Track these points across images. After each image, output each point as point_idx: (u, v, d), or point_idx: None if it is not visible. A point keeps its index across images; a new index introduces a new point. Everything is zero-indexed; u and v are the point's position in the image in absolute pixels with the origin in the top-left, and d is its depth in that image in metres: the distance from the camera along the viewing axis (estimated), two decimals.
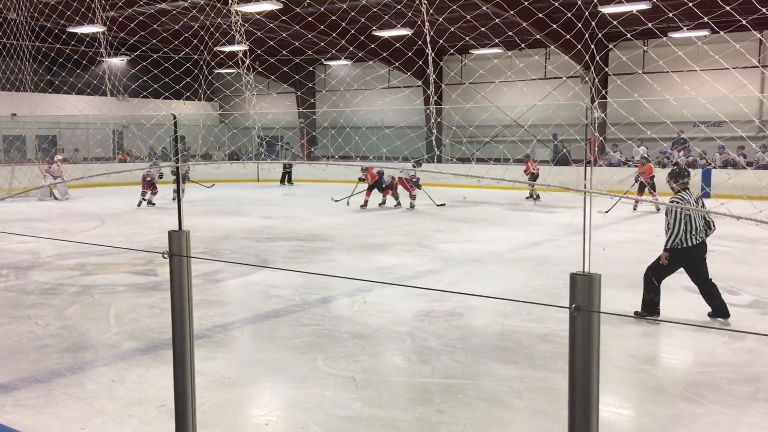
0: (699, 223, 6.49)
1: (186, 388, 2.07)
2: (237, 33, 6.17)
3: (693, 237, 6.40)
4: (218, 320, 6.79)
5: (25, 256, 10.35)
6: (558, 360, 5.51)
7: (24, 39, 7.23)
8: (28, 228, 13.48)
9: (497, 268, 9.47)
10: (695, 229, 6.43)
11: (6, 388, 4.95)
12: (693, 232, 6.41)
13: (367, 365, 5.43)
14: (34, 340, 6.13)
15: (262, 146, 24.70)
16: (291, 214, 16.16)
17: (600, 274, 1.45)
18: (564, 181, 20.82)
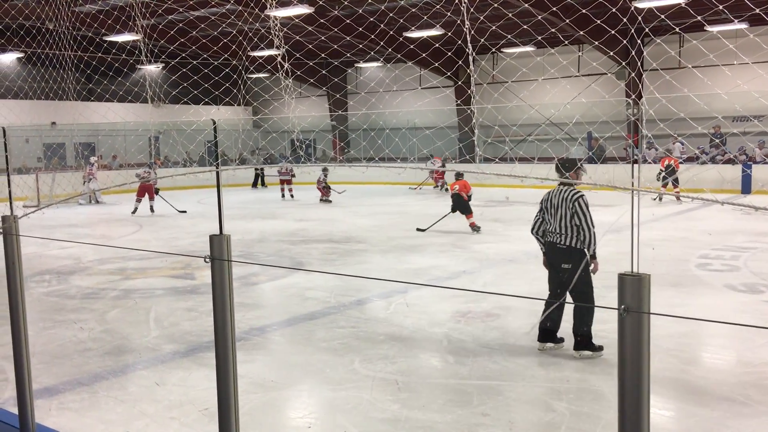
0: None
1: (229, 391, 2.09)
2: (276, 38, 6.22)
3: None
4: (255, 323, 6.85)
5: (66, 261, 10.57)
6: (598, 361, 5.43)
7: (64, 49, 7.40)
8: (68, 233, 13.77)
9: (533, 268, 9.36)
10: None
11: (50, 391, 5.05)
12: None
13: (404, 367, 5.42)
14: (77, 343, 6.26)
15: (301, 149, 24.87)
16: (325, 216, 16.23)
17: (649, 274, 1.42)
18: (596, 178, 20.55)
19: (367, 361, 5.56)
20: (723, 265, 9.22)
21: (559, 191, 5.68)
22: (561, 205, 5.56)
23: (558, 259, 5.60)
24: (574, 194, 5.58)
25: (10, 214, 2.97)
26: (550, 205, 5.69)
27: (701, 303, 7.28)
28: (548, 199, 5.71)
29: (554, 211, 5.61)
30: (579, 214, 5.49)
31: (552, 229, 5.67)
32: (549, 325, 5.68)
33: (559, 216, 5.58)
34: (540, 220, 5.81)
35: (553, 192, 5.74)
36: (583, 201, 5.53)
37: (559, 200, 5.60)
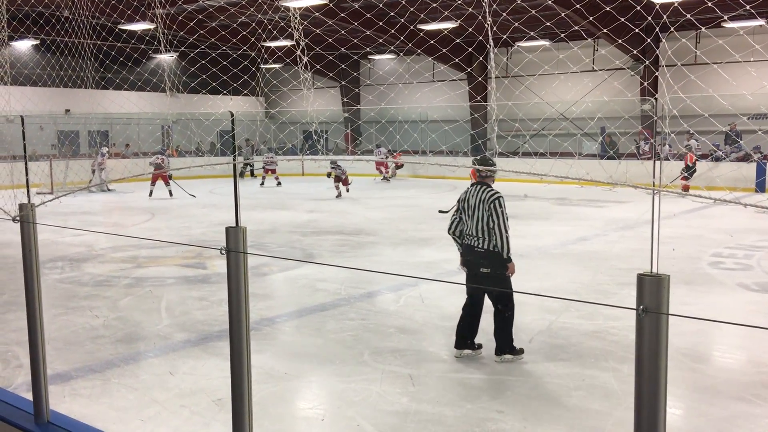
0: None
1: (243, 381, 2.10)
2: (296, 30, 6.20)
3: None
4: (266, 313, 6.88)
5: (79, 248, 10.65)
6: (608, 358, 5.42)
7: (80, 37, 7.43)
8: (82, 221, 13.86)
9: (544, 264, 9.36)
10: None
11: (63, 377, 5.10)
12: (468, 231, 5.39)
13: (414, 360, 5.43)
14: (89, 330, 6.31)
15: (320, 142, 24.97)
16: (336, 208, 16.25)
17: (669, 275, 1.41)
18: (613, 176, 20.45)
19: (377, 353, 5.58)
20: (736, 263, 9.17)
21: (476, 191, 5.38)
22: (478, 206, 5.28)
23: (476, 263, 5.31)
24: (492, 195, 5.30)
25: (27, 202, 2.99)
26: (467, 206, 5.39)
27: (714, 302, 7.24)
28: (465, 199, 5.41)
29: (471, 212, 5.32)
30: (494, 216, 5.21)
31: (469, 231, 5.35)
32: (467, 331, 5.43)
33: (476, 218, 5.28)
34: (457, 219, 5.49)
35: (470, 191, 5.43)
36: (500, 202, 5.26)
37: (476, 201, 5.31)
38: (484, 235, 5.23)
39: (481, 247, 5.25)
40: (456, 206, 5.52)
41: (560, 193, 18.86)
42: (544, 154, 21.23)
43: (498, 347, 5.34)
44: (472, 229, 5.30)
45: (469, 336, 5.43)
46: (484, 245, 5.24)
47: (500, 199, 5.28)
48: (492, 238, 5.20)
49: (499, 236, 5.18)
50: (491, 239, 5.21)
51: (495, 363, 5.33)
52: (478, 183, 5.42)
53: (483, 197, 5.29)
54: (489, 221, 5.21)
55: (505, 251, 5.22)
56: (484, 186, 5.39)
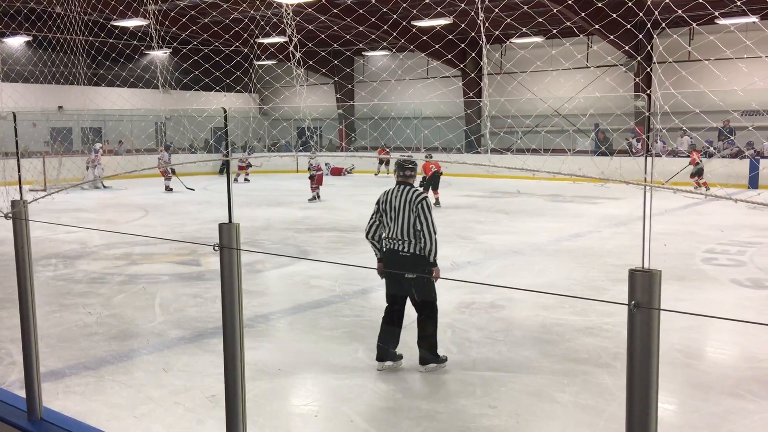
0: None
1: (236, 378, 2.10)
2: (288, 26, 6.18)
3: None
4: (260, 310, 6.87)
5: (73, 245, 10.62)
6: (602, 354, 5.44)
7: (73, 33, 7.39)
8: (75, 218, 13.82)
9: (538, 260, 9.38)
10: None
11: (57, 374, 5.09)
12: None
13: (407, 356, 5.42)
14: (83, 327, 6.30)
15: (312, 138, 24.96)
16: (331, 204, 16.24)
17: (660, 270, 1.42)
18: (608, 172, 20.49)
19: (371, 350, 5.57)
20: (729, 259, 9.21)
21: (399, 191, 5.05)
22: (403, 208, 4.95)
23: (400, 268, 4.98)
24: (418, 195, 5.00)
25: (19, 199, 2.98)
26: (389, 207, 5.04)
27: (707, 297, 7.27)
28: (387, 200, 5.07)
29: (395, 214, 4.98)
30: (422, 218, 4.89)
31: (392, 234, 4.99)
32: (389, 342, 5.12)
33: (401, 220, 4.95)
34: (376, 222, 5.13)
35: (392, 192, 5.10)
36: (427, 203, 4.98)
37: (401, 202, 4.98)
38: (410, 238, 4.92)
39: (407, 251, 4.94)
40: (375, 208, 5.16)
41: (554, 190, 18.90)
42: (537, 151, 21.27)
43: (422, 357, 5.07)
44: (397, 232, 4.97)
45: (392, 346, 5.11)
46: (410, 249, 4.93)
47: (427, 200, 5.01)
48: (419, 241, 4.91)
49: (428, 238, 4.89)
50: (418, 242, 4.91)
51: (489, 359, 5.34)
52: (401, 183, 5.11)
53: (408, 198, 4.98)
54: (416, 223, 4.90)
55: (432, 255, 4.93)
56: (408, 186, 5.09)
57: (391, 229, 5.01)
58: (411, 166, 5.19)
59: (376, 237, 5.14)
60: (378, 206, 5.14)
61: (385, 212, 5.06)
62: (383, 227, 5.09)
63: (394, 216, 5.00)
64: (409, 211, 4.93)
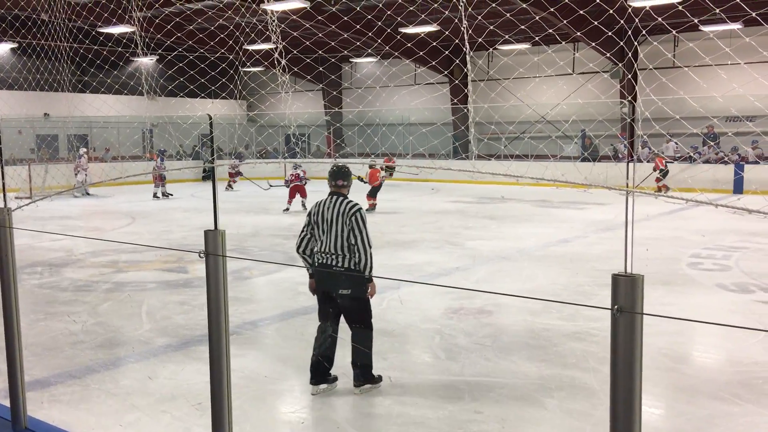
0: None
1: (222, 385, 2.09)
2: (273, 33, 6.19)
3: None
4: (248, 317, 6.85)
5: (59, 253, 10.54)
6: (589, 358, 5.46)
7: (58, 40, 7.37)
8: (61, 226, 13.72)
9: (526, 266, 9.41)
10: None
11: (42, 383, 5.04)
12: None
13: (397, 363, 5.44)
14: (69, 336, 6.24)
15: (298, 145, 24.91)
16: None
17: (642, 275, 1.43)
18: (592, 177, 20.64)
19: None
20: (714, 264, 9.28)
21: (332, 203, 4.75)
22: (336, 220, 4.66)
23: (334, 284, 4.69)
24: (352, 207, 4.71)
25: (3, 207, 2.96)
26: (321, 220, 4.73)
27: (692, 302, 7.32)
28: (319, 212, 4.76)
29: (328, 227, 4.69)
30: (356, 231, 4.63)
31: (325, 248, 4.71)
32: (323, 364, 4.82)
33: (335, 233, 4.66)
34: (307, 236, 4.82)
35: (324, 203, 4.78)
36: (362, 215, 4.69)
37: (334, 214, 4.69)
38: (344, 252, 4.64)
39: (341, 266, 4.67)
40: (306, 220, 4.83)
41: (541, 196, 18.98)
42: (521, 157, 21.40)
43: (357, 376, 4.80)
44: (330, 246, 4.68)
45: (327, 368, 4.83)
46: (344, 263, 4.66)
47: (362, 211, 4.71)
48: (353, 255, 4.63)
49: (363, 253, 4.62)
50: (352, 257, 4.64)
51: (477, 364, 5.35)
52: (334, 194, 4.81)
53: (342, 210, 4.69)
54: (350, 236, 4.63)
55: (367, 270, 4.68)
56: (341, 197, 4.79)
57: (323, 243, 4.72)
58: (344, 175, 4.86)
59: (308, 251, 4.83)
60: (309, 218, 4.82)
61: (317, 225, 4.75)
62: (315, 240, 4.79)
63: (326, 229, 4.70)
64: (342, 224, 4.65)
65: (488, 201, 18.02)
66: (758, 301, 7.33)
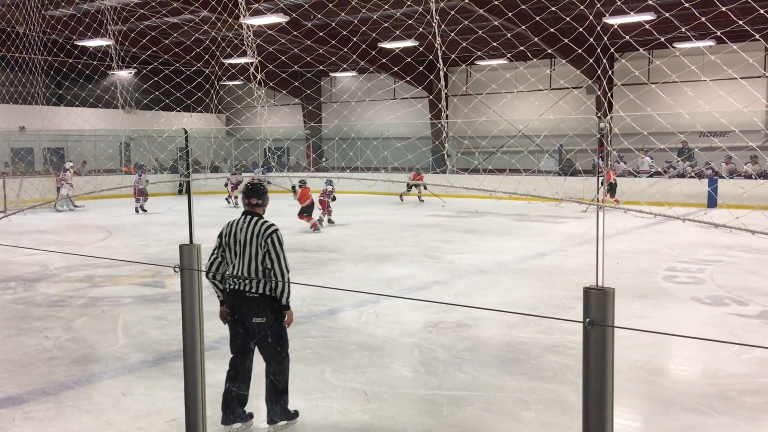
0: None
1: (197, 401, 2.08)
2: (249, 48, 6.20)
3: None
4: (225, 332, 6.76)
5: (33, 268, 10.39)
6: (567, 371, 5.49)
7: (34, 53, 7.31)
8: (36, 240, 13.54)
9: (504, 279, 9.46)
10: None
11: (15, 400, 4.96)
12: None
13: (375, 377, 5.42)
14: (42, 352, 6.15)
15: (273, 159, 24.81)
16: (298, 225, 16.16)
17: (613, 288, 1.45)
18: (570, 192, 20.88)
19: (338, 370, 5.55)
20: (689, 277, 9.39)
21: (246, 223, 4.35)
22: (250, 242, 4.27)
23: (247, 312, 4.25)
24: (267, 228, 4.30)
25: None
26: (234, 241, 4.33)
27: (668, 315, 7.40)
28: (231, 233, 4.36)
29: (241, 250, 4.29)
30: (272, 254, 4.24)
31: (238, 271, 4.29)
32: (236, 400, 4.38)
33: (248, 256, 4.26)
34: (218, 259, 4.40)
35: (236, 224, 4.39)
36: (278, 237, 4.29)
37: (248, 236, 4.29)
38: (258, 277, 4.25)
39: (254, 292, 4.25)
40: (217, 242, 4.43)
41: (520, 209, 19.10)
42: (494, 171, 21.55)
43: (271, 413, 4.38)
44: (243, 270, 4.27)
45: (240, 404, 4.40)
46: (258, 289, 4.26)
47: (278, 233, 4.30)
48: (269, 280, 4.26)
49: (280, 278, 4.24)
50: (268, 282, 4.26)
51: (456, 378, 5.35)
52: (248, 213, 4.41)
53: (256, 231, 4.29)
54: (266, 260, 4.24)
55: (284, 296, 4.29)
56: (256, 217, 4.38)
57: (235, 267, 4.31)
58: (259, 193, 4.47)
59: (218, 276, 4.40)
60: (220, 240, 4.41)
61: (229, 247, 4.34)
62: (226, 264, 4.37)
63: (239, 251, 4.30)
64: (257, 246, 4.25)
65: (466, 215, 18.11)
66: (732, 314, 7.43)
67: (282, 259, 4.28)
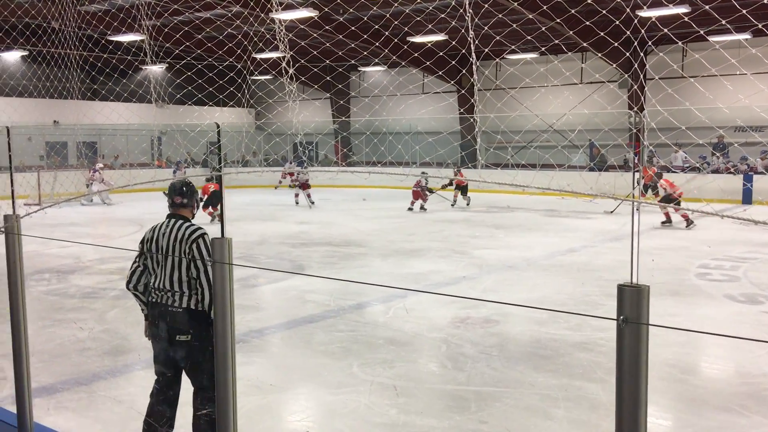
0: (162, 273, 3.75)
1: (228, 393, 2.09)
2: (281, 42, 6.23)
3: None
4: (254, 325, 6.85)
5: (66, 260, 10.58)
6: (596, 369, 5.43)
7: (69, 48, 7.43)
8: (70, 233, 13.78)
9: (533, 275, 9.38)
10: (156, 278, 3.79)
11: (49, 390, 5.06)
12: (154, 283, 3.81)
13: (403, 372, 5.42)
14: (76, 343, 6.26)
15: (305, 153, 24.92)
16: (326, 219, 16.24)
17: (648, 285, 1.42)
18: (603, 188, 20.59)
19: (365, 365, 5.57)
20: (723, 275, 9.23)
21: (169, 227, 3.80)
22: (173, 250, 3.72)
23: (171, 328, 3.68)
24: (192, 232, 3.73)
25: (12, 213, 2.98)
26: (156, 248, 3.79)
27: (701, 313, 7.28)
28: (153, 239, 3.81)
29: (163, 258, 3.75)
30: (198, 262, 3.68)
31: (160, 283, 3.74)
32: (161, 424, 3.82)
33: (171, 265, 3.71)
34: (140, 268, 3.87)
35: (159, 228, 3.84)
36: (205, 242, 3.72)
37: (170, 241, 3.73)
38: (182, 289, 3.68)
39: (178, 306, 3.67)
40: (139, 248, 3.89)
41: (549, 205, 18.94)
42: (526, 166, 21.38)
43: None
44: (165, 281, 3.72)
45: (165, 429, 3.84)
46: (183, 302, 3.68)
47: (205, 237, 3.73)
48: (194, 291, 3.68)
49: (207, 288, 3.64)
50: (192, 293, 3.68)
51: (484, 374, 5.33)
52: (172, 216, 3.88)
53: (180, 236, 3.73)
54: (190, 268, 3.68)
55: (213, 310, 3.40)
56: (181, 220, 3.84)
57: (158, 277, 3.76)
58: (185, 192, 3.93)
59: (140, 286, 3.86)
60: (142, 245, 3.86)
61: (151, 254, 3.82)
62: (149, 273, 3.84)
63: (161, 259, 3.76)
64: (180, 253, 3.70)
65: (496, 210, 18.00)
66: (767, 312, 7.28)
67: (209, 266, 3.60)
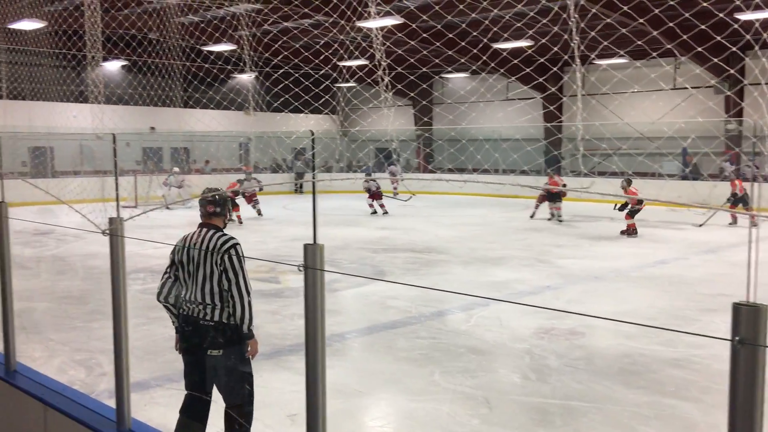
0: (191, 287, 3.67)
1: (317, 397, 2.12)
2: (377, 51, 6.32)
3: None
4: (335, 329, 6.93)
5: (161, 260, 10.98)
6: (690, 387, 5.21)
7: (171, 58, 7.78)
8: (164, 234, 14.35)
9: (621, 287, 9.09)
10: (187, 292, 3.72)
11: (142, 386, 5.27)
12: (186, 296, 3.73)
13: (485, 381, 5.36)
14: (168, 340, 6.47)
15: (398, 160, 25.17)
16: (408, 225, 16.28)
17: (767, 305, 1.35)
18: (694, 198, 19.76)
19: (447, 373, 5.53)
20: None
21: (201, 237, 3.71)
22: (204, 261, 3.62)
23: (202, 342, 3.62)
24: (225, 242, 3.65)
25: (116, 217, 3.13)
26: (187, 259, 3.69)
27: None
28: (184, 250, 3.72)
29: (194, 269, 3.65)
30: (230, 273, 3.58)
31: (191, 296, 3.65)
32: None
33: (202, 276, 3.62)
34: (171, 279, 3.77)
35: (191, 238, 3.76)
36: (237, 253, 3.65)
37: (202, 252, 3.65)
38: (214, 302, 3.60)
39: (210, 320, 3.59)
40: (170, 259, 3.80)
41: (638, 214, 18.28)
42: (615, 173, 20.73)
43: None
44: (196, 294, 3.63)
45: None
46: (215, 316, 3.59)
47: (237, 248, 3.66)
48: (226, 304, 3.59)
49: (238, 302, 3.57)
50: (225, 307, 3.59)
51: (569, 387, 5.19)
52: (204, 225, 3.78)
53: (211, 246, 3.64)
54: (222, 281, 3.59)
55: (245, 323, 3.60)
56: (213, 229, 3.75)
57: (188, 289, 3.67)
58: (218, 201, 3.84)
59: (171, 298, 3.75)
60: (173, 257, 3.78)
61: (182, 265, 3.71)
62: (180, 285, 3.74)
63: (192, 270, 3.66)
64: (212, 264, 3.61)
65: (581, 219, 17.56)
66: None
67: (241, 278, 3.62)
